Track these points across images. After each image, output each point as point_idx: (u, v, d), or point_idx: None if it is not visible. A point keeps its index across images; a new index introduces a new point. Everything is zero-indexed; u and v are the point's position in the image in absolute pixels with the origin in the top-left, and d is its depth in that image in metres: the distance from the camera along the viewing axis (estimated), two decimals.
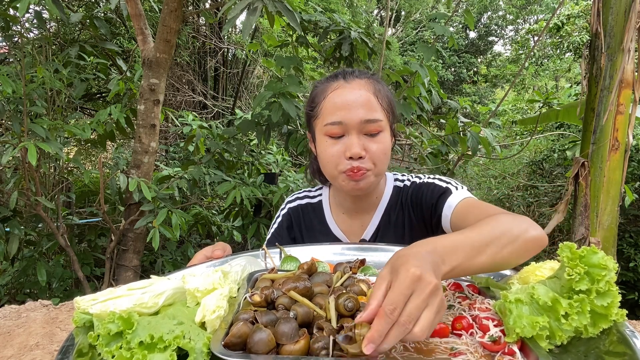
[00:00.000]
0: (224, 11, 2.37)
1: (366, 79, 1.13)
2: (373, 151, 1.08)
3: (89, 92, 4.17)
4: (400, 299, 0.55)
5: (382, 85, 1.15)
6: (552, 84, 12.46)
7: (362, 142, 1.07)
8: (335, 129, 1.07)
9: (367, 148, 1.07)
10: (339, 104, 1.08)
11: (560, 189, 5.31)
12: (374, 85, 1.12)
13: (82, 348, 0.60)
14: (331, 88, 1.12)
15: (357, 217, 1.27)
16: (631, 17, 2.23)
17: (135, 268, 2.75)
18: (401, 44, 13.75)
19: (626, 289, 4.57)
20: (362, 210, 1.26)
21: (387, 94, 1.15)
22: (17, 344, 0.88)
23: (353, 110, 1.07)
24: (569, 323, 0.59)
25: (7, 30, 2.81)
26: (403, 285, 0.56)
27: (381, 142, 1.09)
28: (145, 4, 4.26)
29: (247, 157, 3.54)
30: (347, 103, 1.07)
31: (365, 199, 1.24)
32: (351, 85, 1.11)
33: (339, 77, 1.14)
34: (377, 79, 1.17)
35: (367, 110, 1.07)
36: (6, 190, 2.63)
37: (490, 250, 0.72)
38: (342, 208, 1.28)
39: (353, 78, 1.13)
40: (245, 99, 6.65)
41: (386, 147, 1.11)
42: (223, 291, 0.69)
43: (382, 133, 1.10)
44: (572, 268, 0.60)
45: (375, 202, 1.25)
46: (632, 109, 2.35)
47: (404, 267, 0.58)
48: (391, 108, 1.16)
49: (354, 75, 1.14)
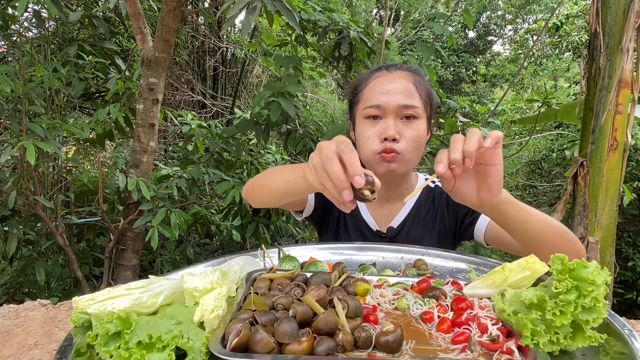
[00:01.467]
0: (223, 10, 2.37)
1: (407, 71, 1.21)
2: (407, 136, 1.13)
3: (87, 92, 4.16)
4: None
5: (422, 78, 1.22)
6: (551, 84, 12.47)
7: (398, 126, 1.13)
8: (374, 111, 1.15)
9: (402, 132, 1.13)
10: (379, 89, 1.16)
11: (559, 188, 5.31)
12: (414, 77, 1.19)
13: (80, 348, 0.60)
14: (374, 76, 1.21)
15: (386, 204, 1.30)
16: (630, 16, 2.23)
17: (134, 267, 2.74)
18: (400, 43, 13.74)
19: (624, 288, 4.58)
20: (392, 198, 1.29)
21: (426, 87, 1.21)
22: (16, 344, 0.88)
23: (392, 95, 1.14)
24: (559, 319, 0.59)
25: (5, 29, 2.80)
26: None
27: (416, 129, 1.15)
28: (144, 3, 4.25)
29: (246, 156, 3.54)
30: (387, 89, 1.15)
31: (396, 186, 1.27)
32: (392, 74, 1.19)
33: (382, 69, 1.23)
34: (419, 73, 1.24)
35: (405, 97, 1.14)
36: (5, 189, 2.62)
37: (539, 222, 0.89)
38: None
39: (395, 70, 1.21)
40: (244, 98, 6.65)
41: (420, 135, 1.15)
42: (222, 291, 0.69)
43: (418, 120, 1.16)
44: (560, 281, 0.60)
45: (405, 193, 1.29)
46: (631, 108, 2.35)
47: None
48: (429, 100, 1.21)
49: (396, 67, 1.22)
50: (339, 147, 0.68)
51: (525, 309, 0.62)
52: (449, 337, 0.64)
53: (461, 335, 0.63)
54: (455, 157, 0.73)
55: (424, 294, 0.76)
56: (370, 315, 0.69)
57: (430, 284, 0.78)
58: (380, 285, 0.80)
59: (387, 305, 0.74)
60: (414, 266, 0.95)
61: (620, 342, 0.61)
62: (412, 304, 0.72)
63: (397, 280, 0.83)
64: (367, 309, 0.70)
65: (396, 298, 0.74)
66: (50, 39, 3.10)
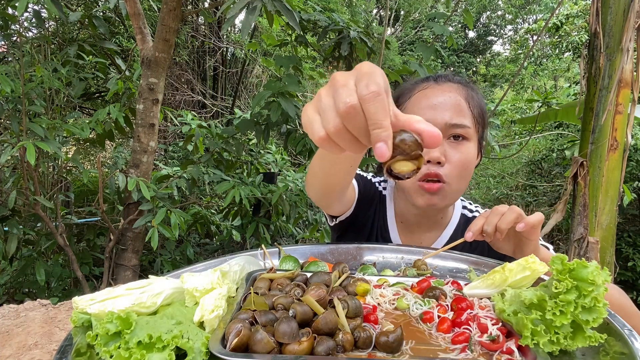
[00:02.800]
0: (223, 10, 2.37)
1: (459, 83, 1.05)
2: (454, 160, 0.98)
3: (87, 92, 4.16)
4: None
5: (476, 93, 1.06)
6: (551, 84, 12.47)
7: (444, 147, 0.98)
8: None
9: (448, 156, 0.98)
10: (425, 103, 1.00)
11: (559, 188, 5.31)
12: (466, 91, 1.04)
13: (80, 348, 0.60)
14: (419, 88, 1.05)
15: (417, 232, 1.15)
16: (630, 17, 2.23)
17: (134, 267, 2.75)
18: (400, 43, 13.73)
19: (624, 288, 4.57)
20: (425, 227, 1.15)
21: (480, 103, 1.05)
22: (16, 344, 0.88)
23: (439, 111, 0.98)
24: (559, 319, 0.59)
25: (5, 29, 2.80)
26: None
27: (465, 152, 0.99)
28: (144, 3, 4.25)
29: (246, 156, 3.54)
30: (434, 104, 0.99)
31: (431, 216, 1.12)
32: (441, 87, 1.03)
33: (430, 79, 1.07)
34: (473, 86, 1.08)
35: (454, 114, 0.98)
36: (5, 189, 2.62)
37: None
38: (403, 217, 1.16)
39: (445, 81, 1.05)
40: (244, 98, 6.65)
41: (469, 160, 1.00)
42: (222, 291, 0.69)
43: (468, 142, 1.00)
44: (560, 281, 0.60)
45: (441, 223, 1.15)
46: (631, 108, 2.35)
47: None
48: (482, 119, 1.05)
49: (446, 78, 1.06)
50: (361, 89, 0.44)
51: (525, 309, 0.62)
52: (449, 337, 0.64)
53: (461, 335, 0.63)
54: (487, 229, 0.81)
55: (424, 294, 0.76)
56: (370, 315, 0.68)
57: (430, 284, 0.78)
58: (380, 285, 0.80)
59: (387, 305, 0.74)
60: (414, 266, 0.95)
61: (620, 342, 0.61)
62: (412, 304, 0.72)
63: (397, 280, 0.83)
64: (367, 309, 0.70)
65: (396, 298, 0.74)
66: (50, 39, 3.10)
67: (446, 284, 0.80)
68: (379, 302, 0.74)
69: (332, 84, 0.47)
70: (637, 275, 4.54)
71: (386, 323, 0.67)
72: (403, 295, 0.75)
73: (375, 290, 0.77)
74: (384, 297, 0.75)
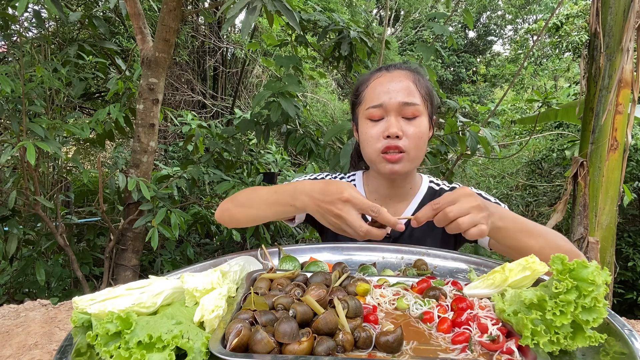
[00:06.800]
0: (223, 10, 2.37)
1: (407, 70, 1.23)
2: (410, 133, 1.15)
3: (87, 92, 4.16)
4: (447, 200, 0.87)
5: (421, 77, 1.24)
6: (551, 84, 12.46)
7: (400, 124, 1.15)
8: (376, 111, 1.16)
9: (404, 130, 1.15)
10: (380, 89, 1.18)
11: (559, 188, 5.31)
12: (413, 75, 1.21)
13: (80, 348, 0.60)
14: (374, 77, 1.23)
15: (390, 204, 1.31)
16: (630, 16, 2.23)
17: (134, 267, 2.75)
18: (400, 43, 13.74)
19: (625, 288, 4.58)
20: (396, 197, 1.30)
21: (426, 84, 1.23)
22: (16, 344, 0.88)
23: (393, 94, 1.15)
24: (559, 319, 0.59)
25: (5, 29, 2.80)
26: (452, 195, 0.87)
27: (418, 126, 1.16)
28: (144, 3, 4.26)
29: (246, 156, 3.54)
30: (388, 88, 1.17)
31: (400, 185, 1.28)
32: (392, 74, 1.20)
33: (382, 69, 1.24)
34: (418, 71, 1.25)
35: (405, 95, 1.15)
36: (5, 189, 2.62)
37: (535, 239, 0.96)
38: (376, 194, 1.32)
39: (395, 69, 1.23)
40: (244, 98, 6.65)
41: (422, 132, 1.17)
42: (222, 291, 0.69)
43: (420, 118, 1.17)
44: (560, 281, 0.60)
45: (410, 193, 1.31)
46: (631, 108, 2.35)
47: (464, 190, 0.88)
48: (430, 97, 1.23)
49: (396, 67, 1.24)
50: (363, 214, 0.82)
51: (525, 309, 0.62)
52: (449, 337, 0.64)
53: (461, 335, 0.63)
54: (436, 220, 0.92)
55: (424, 294, 0.76)
56: (370, 315, 0.68)
57: (430, 284, 0.78)
58: (380, 285, 0.80)
59: (387, 305, 0.74)
60: (414, 266, 0.95)
61: (620, 342, 0.61)
62: (412, 304, 0.72)
63: (397, 280, 0.83)
64: (367, 309, 0.70)
65: (396, 298, 0.74)
66: (50, 39, 3.09)
67: (446, 284, 0.80)
68: (379, 302, 0.74)
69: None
70: (637, 275, 4.54)
71: (386, 323, 0.67)
72: (403, 296, 0.75)
73: (375, 290, 0.77)
74: (384, 297, 0.75)
